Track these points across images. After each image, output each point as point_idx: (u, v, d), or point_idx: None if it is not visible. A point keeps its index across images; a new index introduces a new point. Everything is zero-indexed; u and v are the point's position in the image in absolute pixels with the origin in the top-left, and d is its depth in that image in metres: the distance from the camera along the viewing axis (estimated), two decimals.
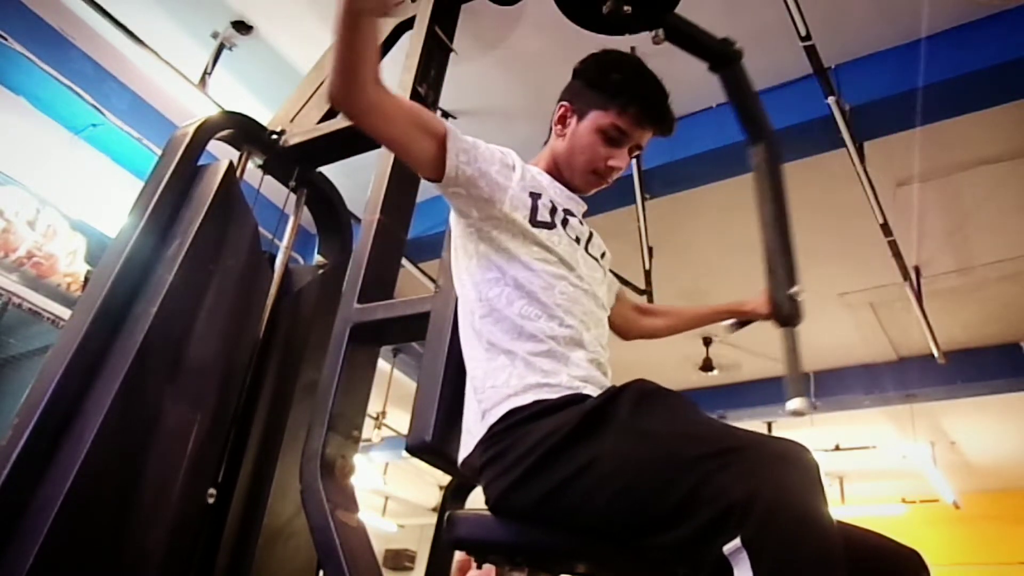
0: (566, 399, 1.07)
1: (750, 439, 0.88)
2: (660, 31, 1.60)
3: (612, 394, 1.03)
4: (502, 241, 1.20)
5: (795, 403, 1.39)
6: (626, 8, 1.55)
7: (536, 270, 1.18)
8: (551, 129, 1.37)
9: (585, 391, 1.09)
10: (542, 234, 1.21)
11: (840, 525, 1.06)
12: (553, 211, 1.25)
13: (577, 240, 1.28)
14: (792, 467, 0.83)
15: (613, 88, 1.27)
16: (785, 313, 1.50)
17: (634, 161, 3.51)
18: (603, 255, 1.38)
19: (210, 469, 1.68)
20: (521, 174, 1.25)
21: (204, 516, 1.66)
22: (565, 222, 1.27)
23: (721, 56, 1.70)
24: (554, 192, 1.30)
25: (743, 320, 1.61)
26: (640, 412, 0.99)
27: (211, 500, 1.67)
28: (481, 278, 1.20)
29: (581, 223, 1.33)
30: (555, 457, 1.00)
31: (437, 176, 1.16)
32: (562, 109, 1.34)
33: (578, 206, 1.35)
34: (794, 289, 1.51)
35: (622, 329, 1.57)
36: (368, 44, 1.02)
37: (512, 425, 1.07)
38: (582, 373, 1.12)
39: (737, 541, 0.78)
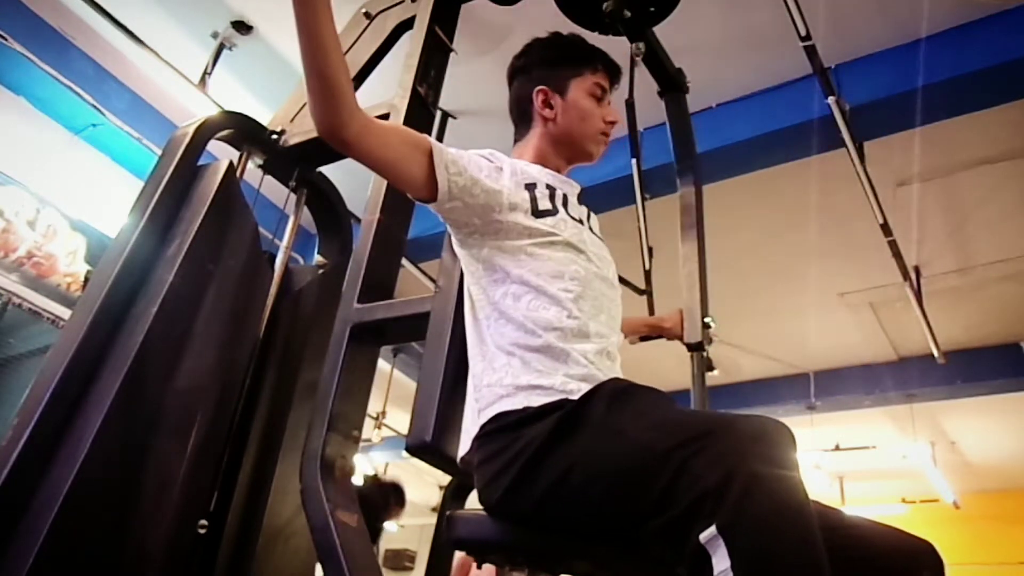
0: (551, 405, 1.06)
1: (723, 421, 0.86)
2: (641, 44, 1.71)
3: (586, 397, 1.03)
4: (507, 241, 1.20)
5: None
6: (626, 12, 1.59)
7: (544, 260, 1.19)
8: (530, 120, 1.38)
9: (575, 396, 1.07)
10: (547, 222, 1.21)
11: (852, 520, 1.06)
12: (552, 196, 1.26)
13: (580, 221, 1.29)
14: (766, 447, 0.81)
15: (580, 57, 1.37)
16: (695, 338, 1.69)
17: (634, 161, 3.50)
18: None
19: (210, 469, 1.68)
20: (511, 170, 1.25)
21: (204, 516, 1.66)
22: (566, 203, 1.28)
23: (674, 83, 1.92)
24: (547, 178, 1.30)
25: (654, 336, 1.77)
26: (613, 411, 0.99)
27: (210, 502, 1.67)
28: (488, 280, 1.20)
29: (579, 203, 1.34)
30: (539, 464, 1.00)
31: (431, 194, 1.15)
32: (542, 94, 1.36)
33: (572, 188, 1.35)
34: (706, 319, 1.72)
35: None
36: (332, 40, 1.01)
37: (502, 428, 1.07)
38: (582, 371, 1.11)
39: (713, 528, 0.76)
